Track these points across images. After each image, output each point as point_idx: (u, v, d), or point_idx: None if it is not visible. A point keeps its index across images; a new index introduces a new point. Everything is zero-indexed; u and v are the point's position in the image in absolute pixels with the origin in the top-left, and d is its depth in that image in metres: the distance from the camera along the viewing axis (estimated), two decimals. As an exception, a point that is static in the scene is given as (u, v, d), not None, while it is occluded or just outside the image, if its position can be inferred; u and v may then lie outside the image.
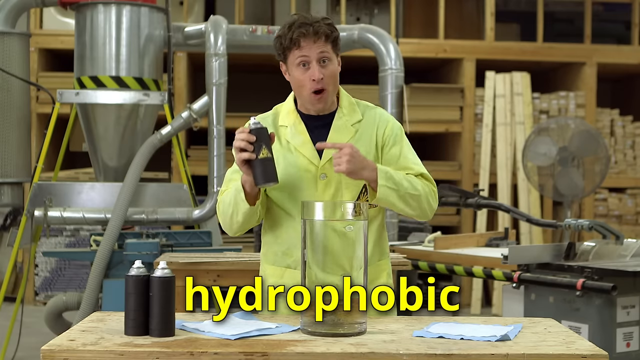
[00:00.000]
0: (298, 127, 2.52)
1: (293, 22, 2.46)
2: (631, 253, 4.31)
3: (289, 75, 2.53)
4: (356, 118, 2.55)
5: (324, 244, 2.18)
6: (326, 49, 2.46)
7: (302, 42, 2.44)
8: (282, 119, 2.56)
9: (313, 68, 2.45)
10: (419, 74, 9.26)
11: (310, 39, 2.43)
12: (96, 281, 4.95)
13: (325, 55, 2.46)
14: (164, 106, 5.49)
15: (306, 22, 2.45)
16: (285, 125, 2.54)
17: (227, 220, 2.50)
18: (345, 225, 2.20)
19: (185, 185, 5.60)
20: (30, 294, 8.15)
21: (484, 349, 1.99)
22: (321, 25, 2.45)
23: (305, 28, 2.43)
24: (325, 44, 2.45)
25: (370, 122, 2.57)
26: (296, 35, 2.43)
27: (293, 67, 2.48)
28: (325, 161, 2.49)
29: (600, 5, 9.71)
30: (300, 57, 2.45)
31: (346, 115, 2.54)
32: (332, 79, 2.48)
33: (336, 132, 2.52)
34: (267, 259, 2.61)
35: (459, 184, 8.34)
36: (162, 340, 2.04)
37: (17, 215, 5.52)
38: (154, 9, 5.54)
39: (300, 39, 2.43)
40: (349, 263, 2.21)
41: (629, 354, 4.03)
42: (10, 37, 5.47)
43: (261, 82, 9.48)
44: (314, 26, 2.44)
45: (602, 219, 8.62)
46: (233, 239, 7.86)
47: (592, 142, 6.99)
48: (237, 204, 2.43)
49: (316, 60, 2.45)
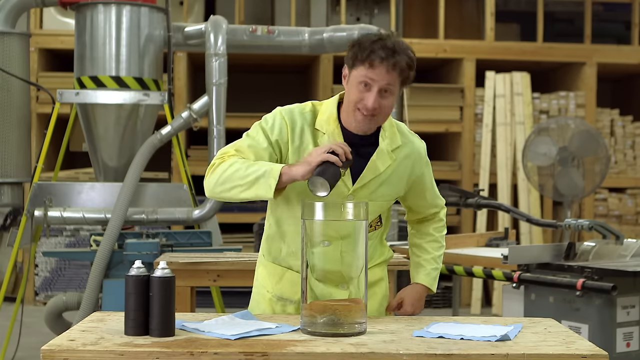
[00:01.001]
0: (337, 139, 2.40)
1: (378, 39, 2.35)
2: (631, 253, 4.31)
3: (346, 82, 2.41)
4: (396, 144, 2.48)
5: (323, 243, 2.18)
6: (393, 83, 2.35)
7: (376, 65, 2.32)
8: (321, 122, 2.43)
9: (372, 94, 2.33)
10: (419, 74, 9.15)
11: (385, 67, 2.32)
12: (96, 281, 4.95)
13: (390, 87, 2.35)
14: (164, 106, 5.49)
15: (391, 49, 2.33)
16: (322, 131, 2.42)
17: (221, 188, 2.33)
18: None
19: (185, 185, 5.60)
20: (30, 294, 8.15)
21: (484, 349, 1.99)
22: (403, 59, 2.35)
23: (387, 53, 2.32)
24: (398, 76, 2.35)
25: (408, 153, 2.51)
26: (374, 57, 2.32)
27: (355, 81, 2.36)
28: (357, 186, 2.42)
29: (600, 5, 9.70)
30: (366, 77, 2.34)
31: (387, 138, 2.46)
32: (386, 111, 2.39)
33: (378, 157, 2.43)
34: (270, 255, 2.56)
35: (459, 184, 8.35)
36: (162, 340, 2.04)
37: (17, 215, 5.52)
38: (154, 9, 5.54)
39: (376, 61, 2.32)
40: (348, 262, 2.21)
41: (629, 354, 4.03)
42: (10, 37, 5.47)
43: (261, 82, 9.48)
44: (396, 58, 2.33)
45: (602, 219, 8.62)
46: (233, 239, 7.86)
47: (592, 142, 6.99)
48: (255, 184, 2.26)
49: (378, 89, 2.34)
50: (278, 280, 2.53)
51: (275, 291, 2.53)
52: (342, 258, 2.25)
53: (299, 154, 2.39)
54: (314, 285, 2.23)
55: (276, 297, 2.53)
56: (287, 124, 2.41)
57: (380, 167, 2.43)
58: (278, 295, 2.52)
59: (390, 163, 2.45)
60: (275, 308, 2.53)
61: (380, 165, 2.43)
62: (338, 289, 2.29)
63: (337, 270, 2.27)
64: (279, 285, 2.53)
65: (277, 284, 2.53)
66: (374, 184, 2.44)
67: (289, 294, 2.50)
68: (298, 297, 2.45)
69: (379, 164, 2.43)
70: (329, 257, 2.25)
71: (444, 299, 8.40)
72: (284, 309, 2.51)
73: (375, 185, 2.44)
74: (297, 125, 2.42)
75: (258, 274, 2.61)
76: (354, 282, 2.21)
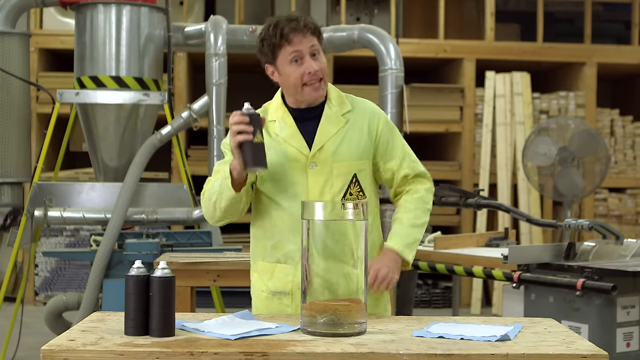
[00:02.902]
0: (287, 120, 2.55)
1: (277, 21, 2.49)
2: (631, 253, 4.31)
3: (278, 75, 2.54)
4: (346, 108, 2.58)
5: (323, 243, 2.18)
6: (315, 43, 2.50)
7: (292, 37, 2.46)
8: (271, 114, 2.59)
9: (308, 62, 2.48)
10: (419, 74, 9.26)
11: (300, 33, 2.46)
12: (96, 281, 4.95)
13: (315, 48, 2.50)
14: (164, 106, 5.49)
15: (292, 19, 2.48)
16: (273, 119, 2.57)
17: (210, 207, 2.49)
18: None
19: (185, 185, 5.60)
20: (30, 294, 8.15)
21: (484, 349, 1.99)
22: (308, 19, 2.50)
23: (294, 23, 2.47)
24: (313, 37, 2.50)
25: (360, 112, 2.60)
26: (287, 30, 2.45)
27: (285, 64, 2.49)
28: (315, 150, 2.51)
29: (600, 5, 9.71)
30: (293, 52, 2.47)
31: (335, 106, 2.57)
32: (325, 70, 2.53)
33: (327, 121, 2.55)
34: (257, 255, 2.60)
35: (459, 184, 8.34)
36: (162, 340, 2.04)
37: (17, 215, 5.52)
38: (154, 9, 5.54)
39: (291, 34, 2.46)
40: (348, 261, 2.20)
41: (629, 354, 4.03)
42: (10, 37, 5.47)
43: (261, 82, 9.44)
44: (301, 21, 2.48)
45: (602, 219, 8.62)
46: (233, 239, 7.86)
47: (592, 142, 6.98)
48: (222, 191, 2.43)
49: (309, 55, 2.48)
50: (270, 276, 2.56)
51: (269, 287, 2.56)
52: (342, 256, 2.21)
53: (267, 148, 2.50)
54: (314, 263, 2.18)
55: (271, 293, 2.55)
56: None
57: (332, 129, 2.53)
58: (272, 291, 2.55)
59: (344, 124, 2.55)
60: (272, 305, 2.55)
61: (332, 127, 2.53)
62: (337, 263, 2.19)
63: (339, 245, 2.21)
64: (271, 281, 2.56)
65: (269, 280, 2.56)
66: (331, 145, 2.52)
67: (282, 286, 2.53)
68: (291, 288, 2.51)
69: (329, 127, 2.53)
70: (329, 254, 2.21)
71: (444, 299, 8.40)
72: (280, 302, 2.53)
73: (333, 146, 2.51)
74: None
75: (253, 280, 2.64)
76: (354, 261, 2.18)
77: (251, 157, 2.36)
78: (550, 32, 9.19)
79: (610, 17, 9.82)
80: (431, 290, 8.42)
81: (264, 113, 2.60)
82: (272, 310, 2.54)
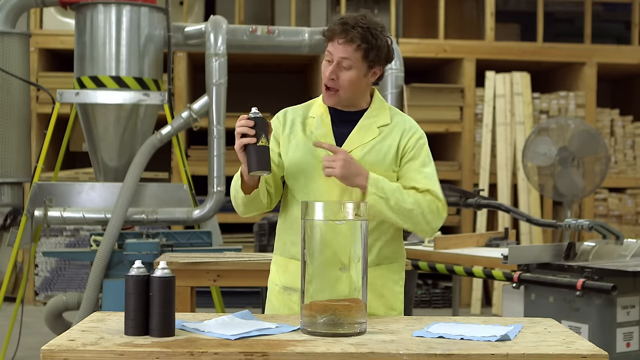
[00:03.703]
0: (324, 119, 2.55)
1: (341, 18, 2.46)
2: (631, 253, 4.31)
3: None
4: (383, 121, 2.55)
5: (322, 242, 2.18)
6: (350, 57, 2.44)
7: (333, 40, 2.46)
8: (313, 110, 2.59)
9: (331, 67, 2.46)
10: (419, 74, 9.26)
11: (339, 40, 2.44)
12: (96, 281, 4.95)
13: (346, 60, 2.45)
14: (164, 106, 5.49)
15: (348, 24, 2.43)
16: (313, 116, 2.57)
17: (234, 202, 2.55)
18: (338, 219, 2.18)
19: (185, 185, 5.60)
20: (30, 294, 8.15)
21: (484, 349, 1.99)
22: (358, 33, 2.42)
23: (342, 28, 2.43)
24: (350, 48, 2.43)
25: (396, 128, 2.55)
26: (331, 32, 2.46)
27: (324, 59, 2.51)
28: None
29: (600, 5, 9.70)
30: (327, 52, 2.49)
31: (375, 116, 2.55)
32: (348, 84, 2.47)
33: (360, 130, 2.53)
34: (278, 248, 2.63)
35: (459, 184, 8.35)
36: (162, 340, 2.04)
37: (17, 215, 5.52)
38: (154, 9, 5.54)
39: (333, 37, 2.45)
40: (348, 261, 2.20)
41: (629, 354, 4.03)
42: (10, 37, 5.47)
43: (261, 82, 9.48)
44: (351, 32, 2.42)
45: (602, 219, 8.62)
46: (233, 239, 7.86)
47: (592, 142, 6.99)
48: (237, 191, 2.48)
49: (337, 62, 2.46)
50: (284, 270, 2.58)
51: (282, 282, 2.58)
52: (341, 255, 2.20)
53: (288, 140, 2.56)
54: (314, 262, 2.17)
55: (283, 287, 2.57)
56: (280, 120, 2.60)
57: (364, 138, 2.52)
58: (284, 286, 2.57)
59: (376, 135, 2.53)
60: (281, 299, 2.57)
61: (364, 136, 2.52)
62: (337, 270, 2.18)
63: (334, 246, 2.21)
64: (285, 275, 2.58)
65: (283, 274, 2.58)
66: (358, 152, 2.50)
67: (292, 283, 2.54)
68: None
69: (362, 135, 2.52)
70: (328, 252, 2.19)
71: (444, 299, 8.40)
72: (289, 298, 2.54)
73: (360, 154, 2.50)
74: (288, 119, 2.59)
75: (271, 273, 2.66)
76: (353, 266, 2.17)
77: (254, 160, 2.36)
78: (550, 32, 9.18)
79: (610, 17, 9.82)
80: (431, 290, 8.42)
81: (308, 107, 2.61)
82: (282, 305, 2.56)
